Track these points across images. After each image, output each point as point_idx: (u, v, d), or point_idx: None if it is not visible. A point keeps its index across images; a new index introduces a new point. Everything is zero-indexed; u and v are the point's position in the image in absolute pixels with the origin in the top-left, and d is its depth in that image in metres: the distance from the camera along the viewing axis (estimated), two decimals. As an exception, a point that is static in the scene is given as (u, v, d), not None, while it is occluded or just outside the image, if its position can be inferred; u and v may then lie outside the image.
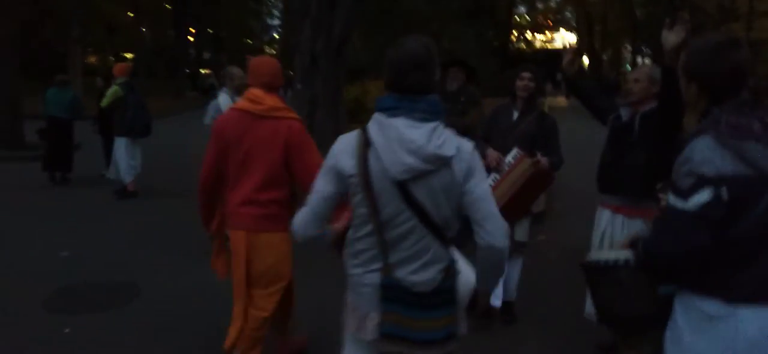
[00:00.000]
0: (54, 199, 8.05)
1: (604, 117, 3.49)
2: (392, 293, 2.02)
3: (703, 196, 1.73)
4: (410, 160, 1.89)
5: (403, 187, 1.92)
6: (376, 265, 2.04)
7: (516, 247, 3.94)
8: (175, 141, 13.07)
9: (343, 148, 2.01)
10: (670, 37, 2.58)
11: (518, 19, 46.61)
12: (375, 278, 2.04)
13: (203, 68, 39.59)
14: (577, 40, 38.18)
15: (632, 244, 2.00)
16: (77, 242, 5.89)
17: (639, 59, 36.34)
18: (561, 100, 26.81)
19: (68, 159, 9.09)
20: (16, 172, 9.80)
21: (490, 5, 33.56)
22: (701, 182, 1.73)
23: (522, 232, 4.02)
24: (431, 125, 1.93)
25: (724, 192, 1.72)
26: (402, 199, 1.93)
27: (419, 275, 2.01)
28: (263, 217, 2.95)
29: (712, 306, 1.82)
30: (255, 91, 2.99)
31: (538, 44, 46.81)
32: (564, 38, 41.98)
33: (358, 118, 16.45)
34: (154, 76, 31.33)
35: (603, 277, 2.08)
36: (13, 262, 5.30)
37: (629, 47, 37.26)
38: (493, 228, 1.94)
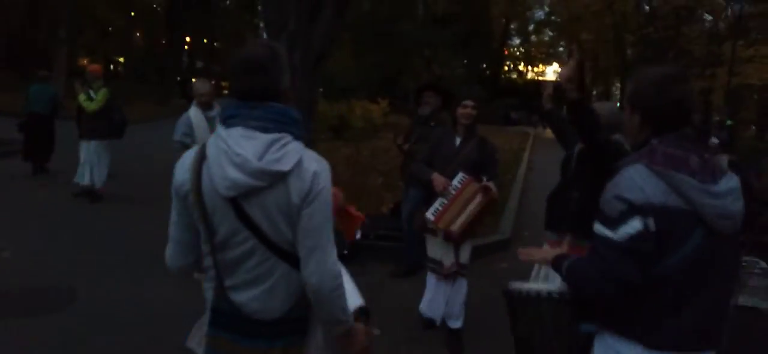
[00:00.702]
0: (14, 197, 7.85)
1: (570, 147, 3.41)
2: (220, 317, 1.83)
3: (631, 227, 1.65)
4: (235, 175, 1.68)
5: (236, 204, 1.71)
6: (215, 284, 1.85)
7: (459, 269, 4.03)
8: (149, 148, 12.89)
9: (181, 164, 1.81)
10: (563, 71, 2.68)
11: (512, 51, 47.14)
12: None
13: (195, 77, 39.51)
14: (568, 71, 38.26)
15: (557, 260, 1.87)
16: (24, 243, 5.68)
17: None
18: (549, 132, 26.88)
19: (48, 151, 9.30)
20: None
21: (484, 35, 33.90)
22: (630, 211, 1.65)
23: (465, 254, 4.06)
24: (271, 137, 1.71)
25: (651, 223, 1.65)
26: (236, 217, 1.72)
27: (260, 302, 1.79)
28: None
29: (631, 350, 1.74)
30: None
31: (529, 76, 47.21)
32: (556, 71, 42.38)
33: (341, 135, 16.48)
34: (144, 81, 31.21)
35: (524, 308, 1.98)
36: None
37: (619, 85, 37.66)
38: (318, 267, 1.71)
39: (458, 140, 4.11)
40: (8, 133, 11.53)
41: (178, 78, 33.56)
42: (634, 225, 1.64)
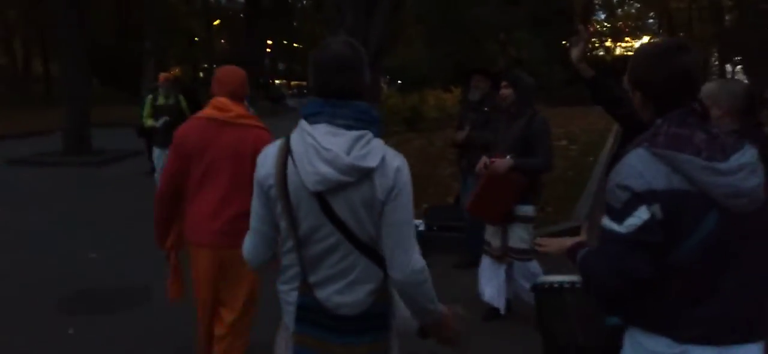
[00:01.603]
0: (100, 202, 8.50)
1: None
2: (307, 314, 1.85)
3: (637, 218, 1.55)
4: (325, 170, 1.70)
5: (321, 199, 1.75)
6: (298, 283, 1.88)
7: (504, 252, 4.07)
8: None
9: (264, 157, 1.87)
10: (573, 52, 2.68)
11: (597, 27, 44.96)
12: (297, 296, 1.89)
13: (278, 79, 40.95)
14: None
15: (572, 251, 1.78)
16: (109, 244, 6.14)
17: (728, 68, 33.91)
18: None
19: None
20: (78, 176, 10.49)
21: (567, 13, 32.51)
22: (635, 201, 1.55)
23: (514, 238, 4.01)
24: (355, 133, 1.75)
25: (657, 210, 1.54)
26: (321, 212, 1.76)
27: (344, 296, 1.82)
28: (231, 233, 2.73)
29: (660, 345, 1.63)
30: (221, 99, 2.90)
31: (618, 52, 44.83)
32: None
33: (415, 126, 16.47)
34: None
35: (547, 300, 1.92)
36: (39, 261, 5.58)
37: (716, 55, 34.89)
38: (401, 263, 1.75)
39: (506, 122, 4.17)
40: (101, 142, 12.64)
41: (260, 80, 34.90)
42: (640, 215, 1.54)
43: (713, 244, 1.55)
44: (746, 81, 27.31)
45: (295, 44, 40.55)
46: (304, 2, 38.89)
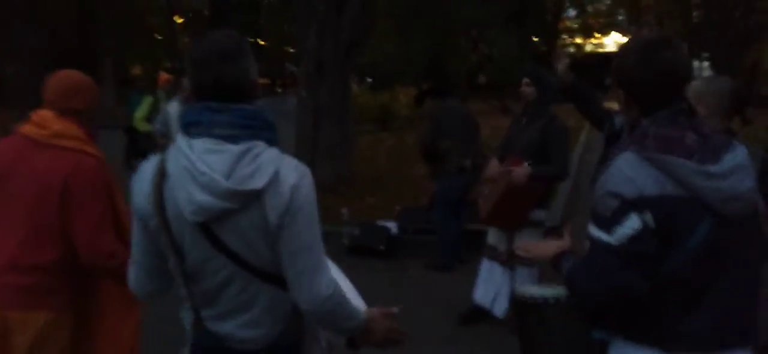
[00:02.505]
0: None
1: (601, 124, 3.30)
2: None
3: (628, 228, 1.48)
4: (201, 198, 1.47)
5: (206, 229, 1.52)
6: (193, 316, 1.67)
7: (510, 257, 3.92)
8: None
9: (140, 182, 1.61)
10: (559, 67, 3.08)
11: (567, 24, 45.25)
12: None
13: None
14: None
15: (557, 258, 1.70)
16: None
17: (696, 63, 34.46)
18: (612, 105, 25.61)
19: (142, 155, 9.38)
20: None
21: (537, 10, 32.53)
22: (624, 207, 1.49)
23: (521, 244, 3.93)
24: (239, 148, 1.50)
25: (649, 218, 1.48)
26: (208, 243, 1.53)
27: (248, 331, 1.62)
28: (24, 290, 2.13)
29: None
30: (43, 112, 2.24)
31: (588, 48, 45.26)
32: (616, 41, 40.65)
33: (386, 126, 16.08)
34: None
35: (530, 315, 1.82)
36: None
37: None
38: (308, 293, 1.54)
39: (524, 121, 3.99)
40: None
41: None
42: (631, 224, 1.48)
43: (707, 252, 1.52)
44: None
45: (261, 41, 39.88)
46: (272, -1, 38.31)
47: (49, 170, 2.17)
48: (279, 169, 1.52)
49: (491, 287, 4.02)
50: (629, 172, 1.51)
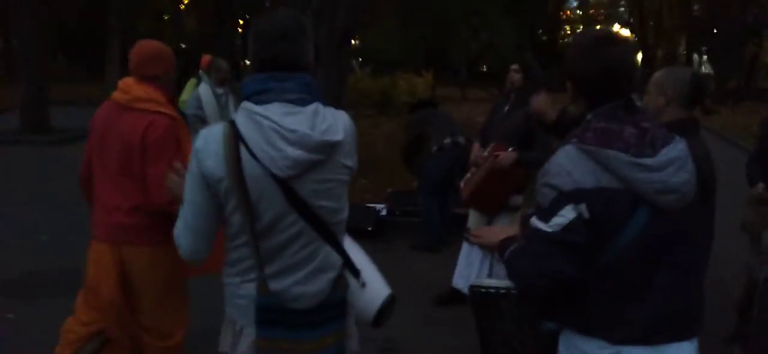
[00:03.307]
0: (56, 182, 8.24)
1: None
2: (271, 316, 1.72)
3: (563, 218, 1.52)
4: (295, 153, 1.61)
5: (286, 186, 1.64)
6: (254, 275, 1.73)
7: None
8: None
9: (206, 147, 1.66)
10: (535, 104, 3.09)
11: (569, 14, 45.09)
12: (252, 289, 1.73)
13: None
14: (630, 35, 36.42)
15: (502, 245, 1.72)
16: (60, 227, 5.92)
17: (695, 57, 34.53)
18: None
19: None
20: (34, 155, 10.15)
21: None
22: (561, 200, 1.52)
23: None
24: (311, 108, 1.67)
25: (583, 209, 1.51)
26: (285, 200, 1.65)
27: (303, 287, 1.74)
28: (131, 228, 2.59)
29: (593, 347, 1.61)
30: (127, 80, 2.67)
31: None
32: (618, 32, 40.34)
33: (386, 110, 16.32)
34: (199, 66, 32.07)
35: (484, 306, 1.87)
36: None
37: (684, 45, 35.35)
38: None
39: (507, 108, 4.03)
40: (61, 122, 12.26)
41: (230, 61, 34.18)
42: (566, 214, 1.51)
43: (644, 243, 1.53)
44: (711, 70, 27.91)
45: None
46: (277, -19, 38.24)
47: (130, 129, 2.55)
48: (344, 122, 1.74)
49: (470, 271, 4.08)
50: (568, 165, 1.54)
